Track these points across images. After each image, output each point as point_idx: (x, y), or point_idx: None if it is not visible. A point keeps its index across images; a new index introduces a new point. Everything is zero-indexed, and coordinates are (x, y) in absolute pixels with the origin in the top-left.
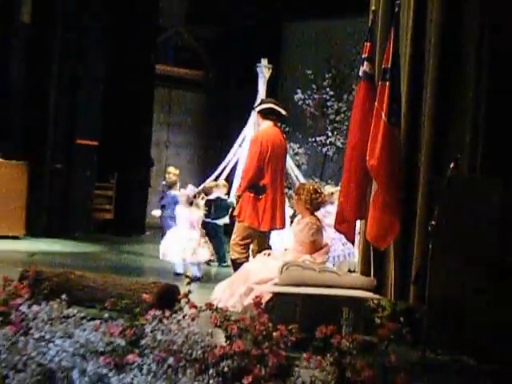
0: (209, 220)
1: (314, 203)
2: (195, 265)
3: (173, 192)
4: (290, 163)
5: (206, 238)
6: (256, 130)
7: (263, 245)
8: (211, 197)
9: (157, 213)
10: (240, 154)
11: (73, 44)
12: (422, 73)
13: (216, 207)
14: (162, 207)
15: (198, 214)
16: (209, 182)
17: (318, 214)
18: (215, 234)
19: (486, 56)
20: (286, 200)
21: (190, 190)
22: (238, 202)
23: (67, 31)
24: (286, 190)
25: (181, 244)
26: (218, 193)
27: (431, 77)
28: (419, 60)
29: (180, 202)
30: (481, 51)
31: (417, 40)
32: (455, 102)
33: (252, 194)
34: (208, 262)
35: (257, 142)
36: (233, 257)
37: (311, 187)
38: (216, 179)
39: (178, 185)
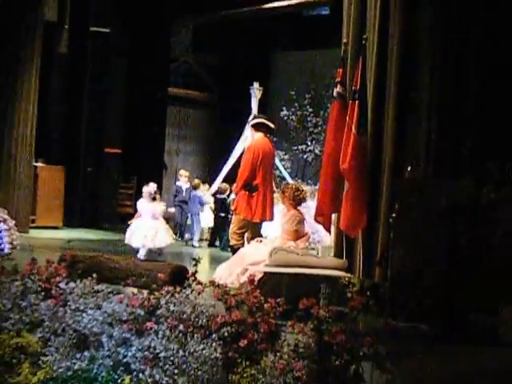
0: (221, 214)
1: (297, 199)
2: (154, 249)
3: (198, 193)
4: (280, 167)
5: (167, 226)
6: (250, 139)
7: (256, 233)
8: (221, 196)
9: (172, 210)
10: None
11: (101, 72)
12: (384, 93)
13: (223, 204)
14: (176, 204)
15: (160, 207)
16: (223, 185)
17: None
18: (222, 226)
19: (436, 81)
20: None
21: (152, 187)
22: (234, 199)
23: (96, 62)
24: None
25: (142, 231)
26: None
27: (391, 97)
28: (382, 83)
29: (144, 196)
30: (432, 78)
31: (380, 67)
32: (411, 117)
33: (246, 192)
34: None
35: (250, 149)
36: (231, 243)
37: (294, 186)
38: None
39: (201, 186)
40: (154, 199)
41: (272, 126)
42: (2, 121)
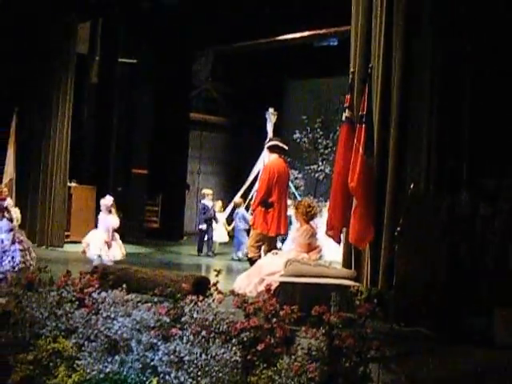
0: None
1: (309, 215)
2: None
3: (241, 210)
4: (291, 186)
5: (119, 241)
6: (266, 161)
7: (272, 246)
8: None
9: (203, 227)
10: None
11: (129, 99)
12: (388, 118)
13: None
14: (205, 221)
15: (114, 220)
16: (237, 199)
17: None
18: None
19: (436, 105)
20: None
21: (108, 200)
22: (252, 215)
23: (124, 91)
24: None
25: (97, 244)
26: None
27: (394, 122)
28: (386, 108)
29: (101, 209)
30: (432, 103)
31: (384, 93)
32: (413, 140)
33: (263, 209)
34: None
35: (266, 170)
36: (249, 255)
37: (306, 203)
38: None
39: (243, 205)
40: (110, 212)
41: (286, 147)
42: (39, 146)
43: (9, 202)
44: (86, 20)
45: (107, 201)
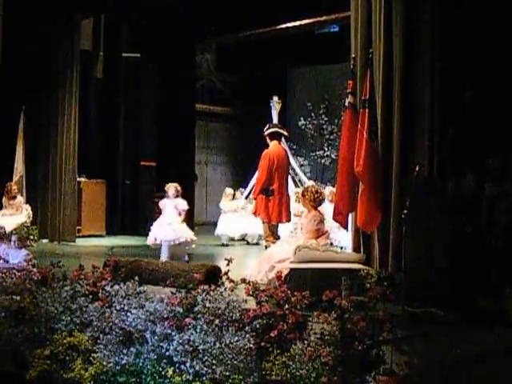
0: None
1: (317, 201)
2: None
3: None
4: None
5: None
6: None
7: (274, 234)
8: None
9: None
10: None
11: (134, 93)
12: (391, 101)
13: None
14: None
15: (184, 202)
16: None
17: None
18: None
19: (437, 86)
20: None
21: (175, 184)
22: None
23: (129, 84)
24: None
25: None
26: None
27: (398, 104)
28: (389, 92)
29: (168, 195)
30: (433, 87)
31: (386, 77)
32: (416, 122)
33: (264, 196)
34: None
35: (265, 157)
36: (266, 245)
37: (313, 189)
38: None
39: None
40: (177, 196)
41: (285, 133)
42: (48, 142)
43: (20, 199)
44: (88, 16)
45: (175, 185)
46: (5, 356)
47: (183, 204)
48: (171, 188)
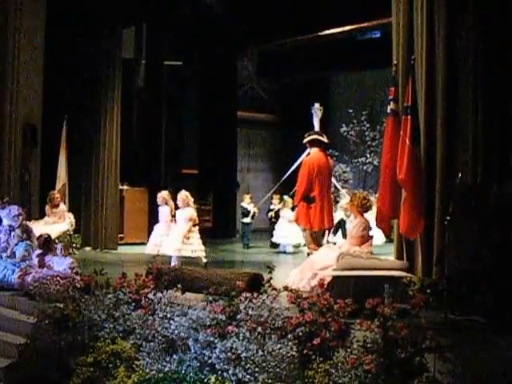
0: None
1: (364, 207)
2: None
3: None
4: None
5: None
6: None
7: (317, 240)
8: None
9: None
10: None
11: (176, 101)
12: (434, 108)
13: None
14: None
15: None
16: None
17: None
18: None
19: (480, 95)
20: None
21: (184, 193)
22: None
23: (171, 92)
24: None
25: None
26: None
27: (440, 112)
28: (431, 99)
29: (178, 204)
30: (476, 93)
31: (428, 84)
32: (460, 129)
33: (305, 204)
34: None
35: (306, 164)
36: (308, 252)
37: (361, 195)
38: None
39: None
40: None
41: (326, 140)
42: (91, 151)
43: (62, 208)
44: (130, 26)
45: (161, 194)
46: (49, 364)
47: (166, 212)
48: (158, 197)
